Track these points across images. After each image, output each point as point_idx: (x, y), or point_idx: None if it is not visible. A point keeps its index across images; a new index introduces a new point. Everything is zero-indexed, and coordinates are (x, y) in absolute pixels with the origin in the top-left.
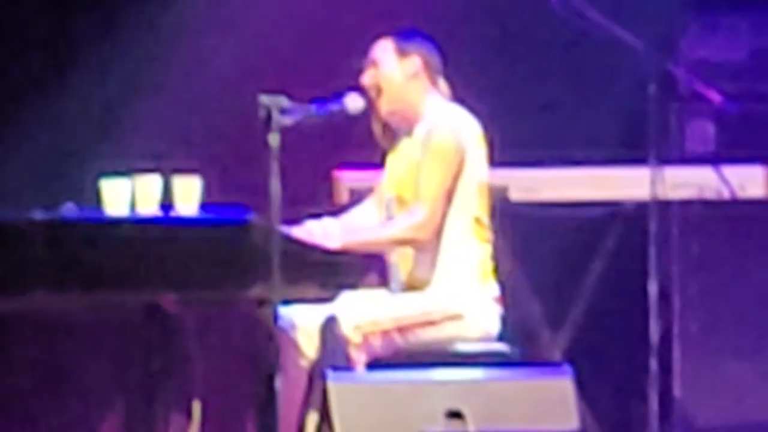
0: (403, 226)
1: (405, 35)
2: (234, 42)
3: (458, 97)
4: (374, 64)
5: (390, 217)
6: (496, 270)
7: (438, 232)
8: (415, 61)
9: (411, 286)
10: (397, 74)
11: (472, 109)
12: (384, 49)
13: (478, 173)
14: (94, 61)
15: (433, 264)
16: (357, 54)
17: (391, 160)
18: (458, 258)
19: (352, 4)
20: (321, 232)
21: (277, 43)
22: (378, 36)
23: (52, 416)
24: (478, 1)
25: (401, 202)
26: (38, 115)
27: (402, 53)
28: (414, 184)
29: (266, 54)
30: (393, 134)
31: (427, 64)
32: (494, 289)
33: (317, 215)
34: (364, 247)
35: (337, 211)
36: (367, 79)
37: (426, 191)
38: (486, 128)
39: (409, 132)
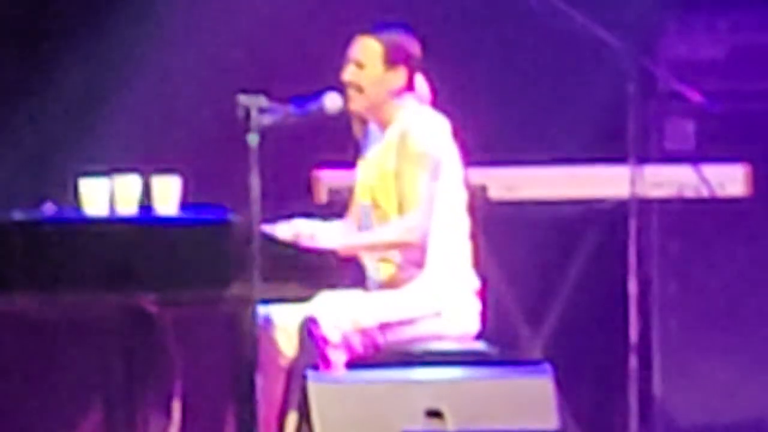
0: (397, 229)
1: (389, 33)
2: (213, 42)
3: (437, 96)
4: (359, 64)
5: (367, 224)
6: (476, 267)
7: (427, 234)
8: (401, 75)
9: (393, 286)
10: (381, 85)
11: (451, 109)
12: (372, 53)
13: (455, 172)
14: (73, 61)
15: (420, 264)
16: (337, 53)
17: (362, 167)
18: (438, 256)
19: (331, 2)
20: (291, 233)
21: (256, 42)
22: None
23: (32, 416)
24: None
25: (377, 208)
26: (17, 115)
27: (390, 64)
28: (387, 190)
29: (245, 53)
30: (366, 128)
31: (411, 73)
32: (474, 283)
33: (292, 215)
34: (359, 250)
35: (316, 209)
36: (348, 75)
37: (412, 196)
38: (465, 127)
39: (381, 129)
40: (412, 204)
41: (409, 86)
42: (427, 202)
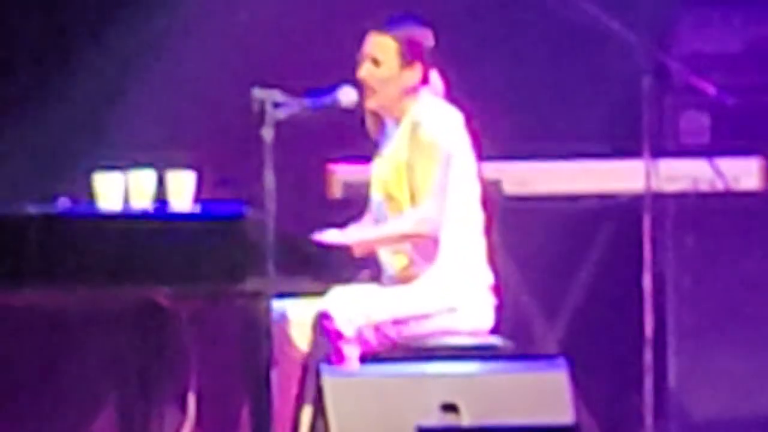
0: (410, 220)
1: (403, 28)
2: (227, 35)
3: (450, 90)
4: (375, 61)
5: (380, 218)
6: (491, 262)
7: (440, 225)
8: (417, 73)
9: (407, 280)
10: (397, 83)
11: (465, 103)
12: (387, 50)
13: (468, 166)
14: (88, 55)
15: (432, 258)
16: (352, 47)
17: (377, 163)
18: (453, 251)
19: None
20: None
21: (270, 36)
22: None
23: (47, 410)
24: None
25: (391, 200)
26: (32, 109)
27: (406, 62)
28: (400, 182)
29: (259, 47)
30: (383, 126)
31: (426, 67)
32: (489, 278)
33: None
34: (374, 243)
35: (330, 204)
36: (363, 72)
37: (424, 187)
38: (479, 121)
39: (396, 124)
40: (424, 195)
41: (425, 80)
42: (439, 193)
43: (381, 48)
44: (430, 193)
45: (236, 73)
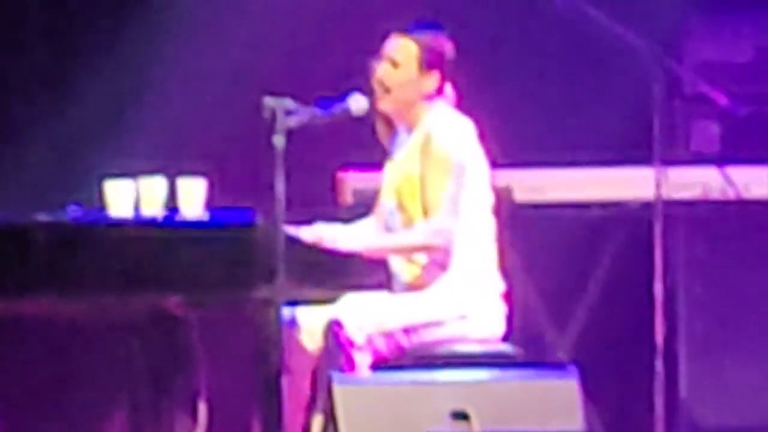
0: (423, 233)
1: (425, 34)
2: (239, 44)
3: (462, 99)
4: (394, 63)
5: (392, 225)
6: (502, 269)
7: (452, 238)
8: (434, 80)
9: (419, 288)
10: (413, 88)
11: (476, 111)
12: (407, 54)
13: (481, 175)
14: (98, 63)
15: (445, 267)
16: (363, 55)
17: (389, 168)
18: (464, 259)
19: (356, 3)
20: (313, 238)
21: (281, 44)
22: (386, 33)
23: (58, 419)
24: (481, 0)
25: (402, 209)
26: (42, 116)
27: (425, 68)
28: (413, 193)
29: (270, 55)
30: (394, 132)
31: (443, 77)
32: (500, 285)
33: (314, 219)
34: (384, 253)
35: (341, 211)
36: (380, 73)
37: (436, 200)
38: (490, 129)
39: (408, 131)
40: (436, 208)
41: (440, 90)
42: (451, 206)
43: (401, 50)
44: (442, 206)
45: (248, 81)
